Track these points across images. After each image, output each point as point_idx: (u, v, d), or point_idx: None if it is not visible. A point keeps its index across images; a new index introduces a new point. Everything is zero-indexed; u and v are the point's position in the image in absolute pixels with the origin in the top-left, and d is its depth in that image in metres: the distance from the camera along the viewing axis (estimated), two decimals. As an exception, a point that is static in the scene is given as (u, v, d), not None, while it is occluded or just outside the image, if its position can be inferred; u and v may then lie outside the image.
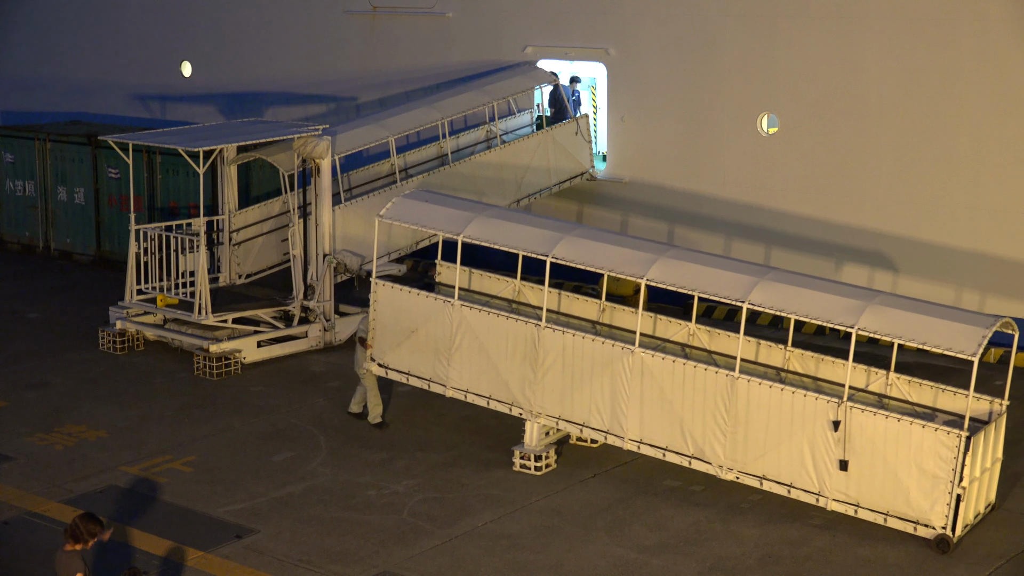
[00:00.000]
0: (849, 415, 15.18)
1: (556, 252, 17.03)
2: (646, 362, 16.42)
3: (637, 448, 16.63)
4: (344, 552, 14.79)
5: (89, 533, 11.34)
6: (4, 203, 30.28)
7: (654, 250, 16.91)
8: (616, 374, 16.61)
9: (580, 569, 14.47)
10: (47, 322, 24.36)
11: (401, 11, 28.72)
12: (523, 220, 18.05)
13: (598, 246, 17.06)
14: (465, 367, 17.84)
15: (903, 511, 15.11)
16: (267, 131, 22.58)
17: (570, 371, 16.97)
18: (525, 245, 17.35)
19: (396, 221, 18.39)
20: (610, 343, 16.73)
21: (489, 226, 17.75)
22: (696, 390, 16.12)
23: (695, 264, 16.50)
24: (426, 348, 18.14)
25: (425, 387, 18.32)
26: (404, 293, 18.36)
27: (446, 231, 18.02)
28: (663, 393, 16.35)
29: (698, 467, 16.24)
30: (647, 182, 25.75)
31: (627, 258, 16.74)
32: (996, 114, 22.09)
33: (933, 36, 22.37)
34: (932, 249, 22.86)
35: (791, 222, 24.11)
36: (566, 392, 17.05)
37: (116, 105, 33.72)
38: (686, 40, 25.02)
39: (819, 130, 23.71)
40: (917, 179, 22.93)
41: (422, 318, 18.14)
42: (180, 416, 19.25)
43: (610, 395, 16.70)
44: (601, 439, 17.03)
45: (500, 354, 17.51)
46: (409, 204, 18.53)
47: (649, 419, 16.49)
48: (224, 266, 23.74)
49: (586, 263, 16.88)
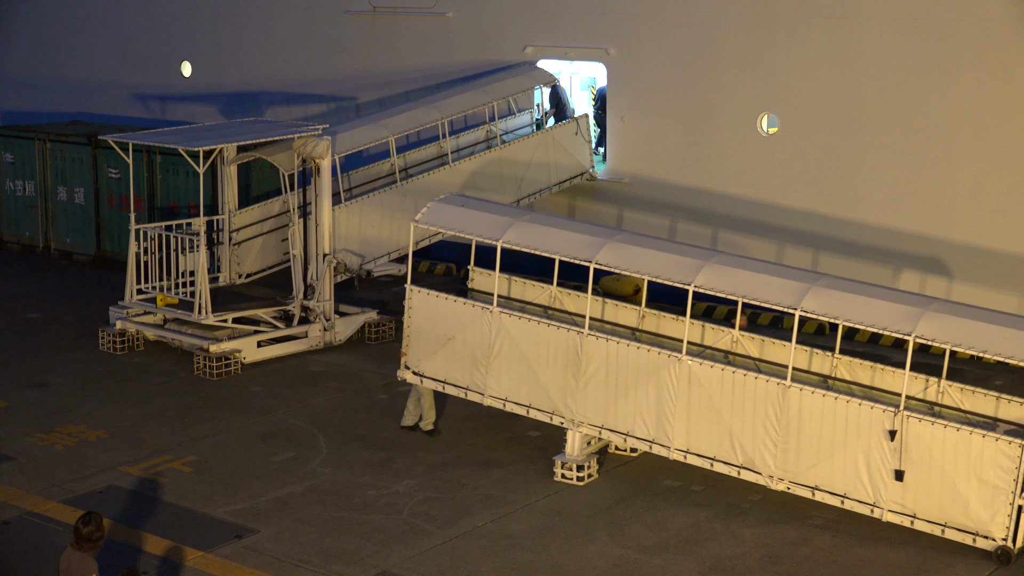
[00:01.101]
0: (906, 424, 14.84)
1: (599, 258, 16.59)
2: (694, 370, 16.02)
3: (683, 458, 16.22)
4: (344, 552, 14.79)
5: (100, 535, 11.39)
6: (4, 203, 30.28)
7: (700, 256, 16.53)
8: (662, 382, 16.20)
9: (580, 569, 14.47)
10: (47, 322, 24.36)
11: (401, 11, 28.73)
12: (563, 225, 17.64)
13: (642, 251, 16.60)
14: (504, 375, 17.39)
15: (962, 522, 14.78)
16: (267, 131, 22.58)
17: (614, 379, 16.56)
18: (566, 250, 16.90)
19: (431, 226, 18.01)
20: (656, 351, 16.33)
21: (528, 231, 17.29)
22: (746, 399, 15.71)
23: (743, 270, 16.09)
24: (463, 356, 17.68)
25: (462, 395, 17.84)
26: (440, 299, 17.91)
27: (484, 236, 17.52)
28: (711, 402, 15.94)
29: (747, 477, 15.87)
30: (647, 182, 25.74)
31: (673, 264, 16.30)
32: (996, 114, 22.09)
33: (933, 36, 22.39)
34: (933, 246, 22.86)
35: (790, 220, 24.10)
36: (609, 401, 16.61)
37: (116, 105, 33.73)
38: (686, 40, 25.02)
39: (818, 130, 23.71)
40: (916, 179, 22.94)
41: (459, 325, 17.67)
42: (180, 416, 19.25)
43: (656, 404, 16.29)
44: (646, 448, 16.56)
45: (540, 362, 17.08)
46: (445, 209, 18.11)
47: (697, 428, 16.07)
48: (224, 266, 23.74)
49: (630, 269, 16.40)
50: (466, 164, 24.52)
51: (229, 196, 23.63)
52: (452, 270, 27.94)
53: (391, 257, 23.36)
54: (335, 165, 22.50)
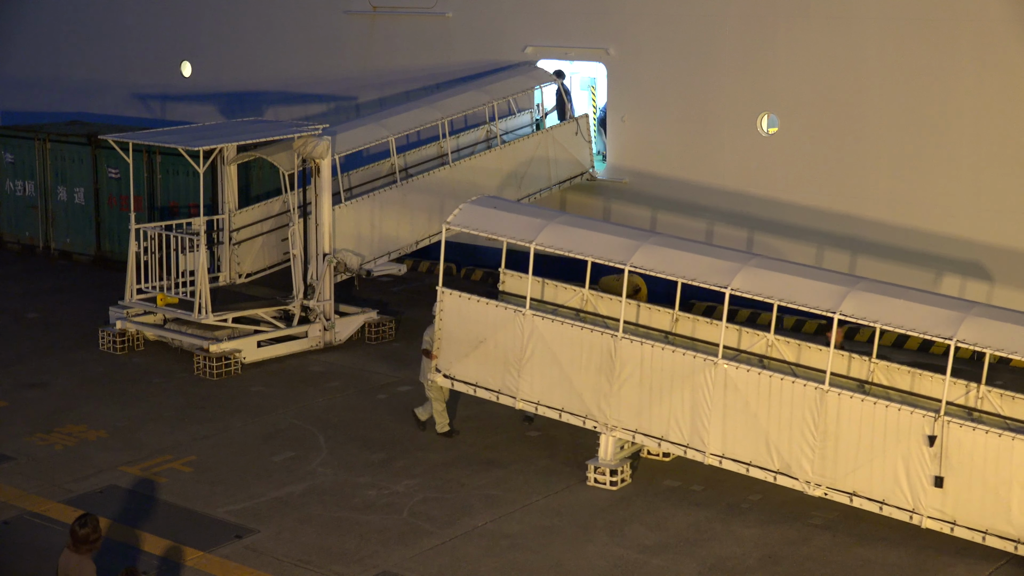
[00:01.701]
0: (946, 430, 14.66)
1: (634, 261, 16.40)
2: (730, 374, 15.80)
3: (719, 463, 16.02)
4: (344, 552, 14.79)
5: (97, 536, 11.38)
6: (4, 203, 30.28)
7: (737, 259, 16.32)
8: (698, 386, 16.00)
9: (580, 569, 14.47)
10: (47, 322, 24.35)
11: (401, 11, 28.73)
12: (597, 227, 17.42)
13: (678, 254, 16.42)
14: (536, 378, 17.19)
15: (1003, 529, 14.59)
16: (267, 130, 22.59)
17: (648, 383, 16.37)
18: (600, 253, 16.71)
19: (463, 228, 17.72)
20: (691, 354, 16.11)
21: (562, 233, 17.09)
22: (783, 404, 15.50)
23: (781, 273, 15.87)
24: (495, 359, 17.48)
25: (493, 399, 17.66)
26: (472, 302, 17.65)
27: (517, 238, 17.29)
28: (748, 406, 15.73)
29: (784, 483, 15.67)
30: (647, 182, 25.74)
31: (710, 267, 16.10)
32: (995, 114, 22.09)
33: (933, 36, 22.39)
34: (935, 243, 22.86)
35: (789, 217, 24.09)
36: (644, 405, 16.42)
37: (116, 105, 33.73)
38: (686, 40, 25.01)
39: (818, 129, 23.70)
40: (917, 178, 22.94)
41: (491, 328, 17.47)
42: (180, 416, 19.25)
43: (691, 408, 16.09)
44: (680, 453, 16.39)
45: (574, 365, 16.88)
46: (477, 211, 17.83)
47: (732, 433, 15.86)
48: (224, 265, 23.74)
49: (665, 272, 16.19)
50: (466, 164, 24.52)
51: (229, 196, 23.63)
52: (452, 270, 27.93)
53: (391, 257, 23.37)
54: (335, 165, 22.51)
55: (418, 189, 23.66)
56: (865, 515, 15.65)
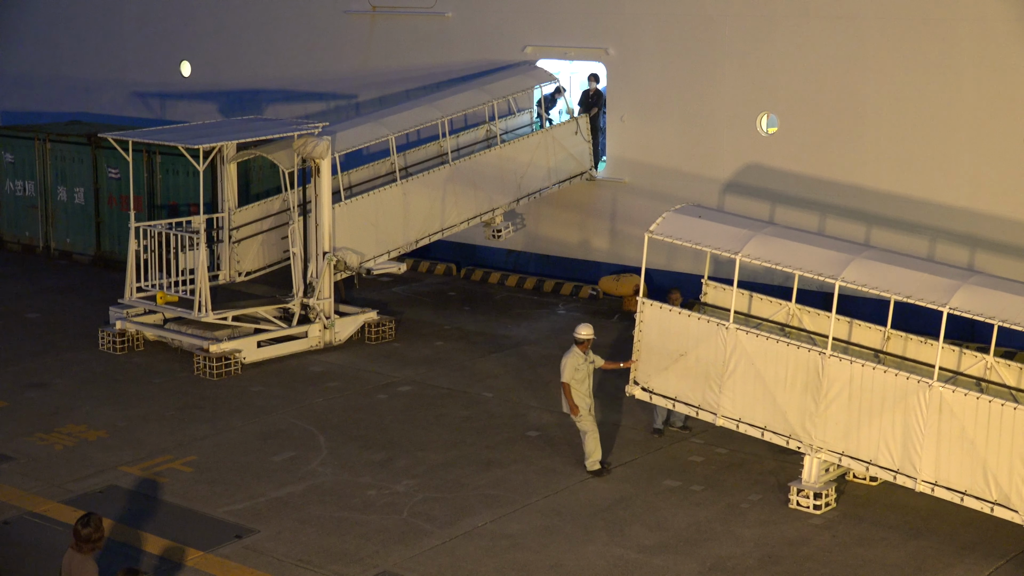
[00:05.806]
0: None
1: (846, 275, 15.68)
2: (945, 397, 14.94)
3: (931, 490, 15.17)
4: (344, 552, 14.79)
5: (99, 535, 11.39)
6: (4, 203, 30.28)
7: (956, 275, 15.53)
8: (910, 409, 15.15)
9: (580, 569, 14.47)
10: (47, 322, 24.35)
11: (401, 11, 28.72)
12: (806, 239, 16.82)
13: (893, 269, 15.67)
14: (738, 395, 16.56)
15: None
16: (267, 129, 22.59)
17: (857, 404, 15.59)
18: (810, 266, 16.05)
19: (667, 238, 17.08)
20: (904, 375, 15.31)
21: (770, 245, 16.49)
22: (1003, 430, 14.56)
23: (1007, 293, 14.99)
24: (696, 373, 16.90)
25: (693, 414, 17.16)
26: (674, 314, 17.12)
27: (722, 249, 16.71)
28: (964, 432, 14.86)
29: (1000, 514, 14.74)
30: (647, 182, 25.74)
31: (927, 284, 15.31)
32: (995, 114, 22.10)
33: (933, 36, 22.39)
34: (935, 244, 22.87)
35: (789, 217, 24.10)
36: (852, 426, 15.66)
37: (116, 104, 33.74)
38: (686, 40, 25.02)
39: (818, 129, 23.71)
40: (916, 177, 22.95)
41: (693, 341, 16.89)
42: (180, 416, 19.25)
43: (902, 432, 15.26)
44: (889, 478, 15.56)
45: (778, 383, 16.20)
46: (681, 220, 17.25)
47: (946, 460, 15.01)
48: (224, 264, 23.74)
49: (879, 287, 15.46)
50: (466, 163, 24.52)
51: (229, 194, 23.63)
52: (452, 270, 27.93)
53: (391, 256, 23.36)
54: (335, 163, 22.51)
55: (418, 188, 23.66)
56: (865, 515, 15.66)
